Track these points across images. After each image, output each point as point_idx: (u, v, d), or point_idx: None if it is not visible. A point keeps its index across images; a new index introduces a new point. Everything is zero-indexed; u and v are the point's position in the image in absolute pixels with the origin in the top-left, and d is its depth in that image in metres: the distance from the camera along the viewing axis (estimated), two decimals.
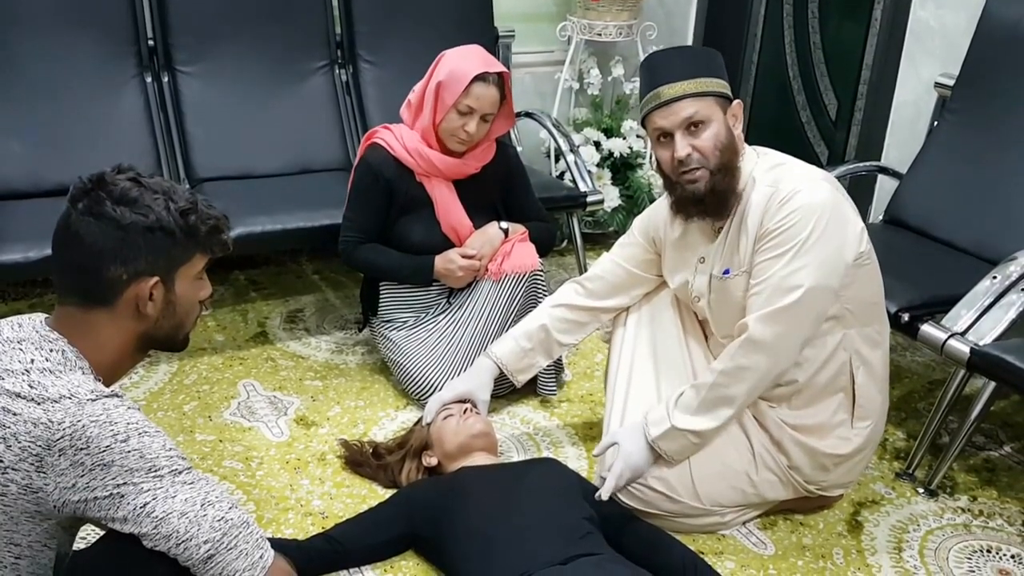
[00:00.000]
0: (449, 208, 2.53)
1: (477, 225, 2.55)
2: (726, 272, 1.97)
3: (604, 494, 1.88)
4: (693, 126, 1.90)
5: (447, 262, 2.49)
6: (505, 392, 2.49)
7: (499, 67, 2.44)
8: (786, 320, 1.84)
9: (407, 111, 2.54)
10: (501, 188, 2.63)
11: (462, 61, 2.42)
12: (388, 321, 2.60)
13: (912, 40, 3.08)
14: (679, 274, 2.11)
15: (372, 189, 2.51)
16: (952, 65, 2.83)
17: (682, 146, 1.90)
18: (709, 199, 1.92)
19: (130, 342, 1.45)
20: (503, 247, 2.53)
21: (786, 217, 1.85)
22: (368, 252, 2.55)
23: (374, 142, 2.54)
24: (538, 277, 2.52)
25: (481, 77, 2.38)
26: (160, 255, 1.41)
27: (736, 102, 1.95)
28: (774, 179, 1.91)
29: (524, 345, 2.27)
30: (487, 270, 2.52)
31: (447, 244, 2.54)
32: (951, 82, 2.81)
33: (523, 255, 2.52)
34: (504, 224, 2.56)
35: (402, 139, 2.50)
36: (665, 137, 1.93)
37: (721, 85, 1.94)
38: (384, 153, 2.50)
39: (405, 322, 2.59)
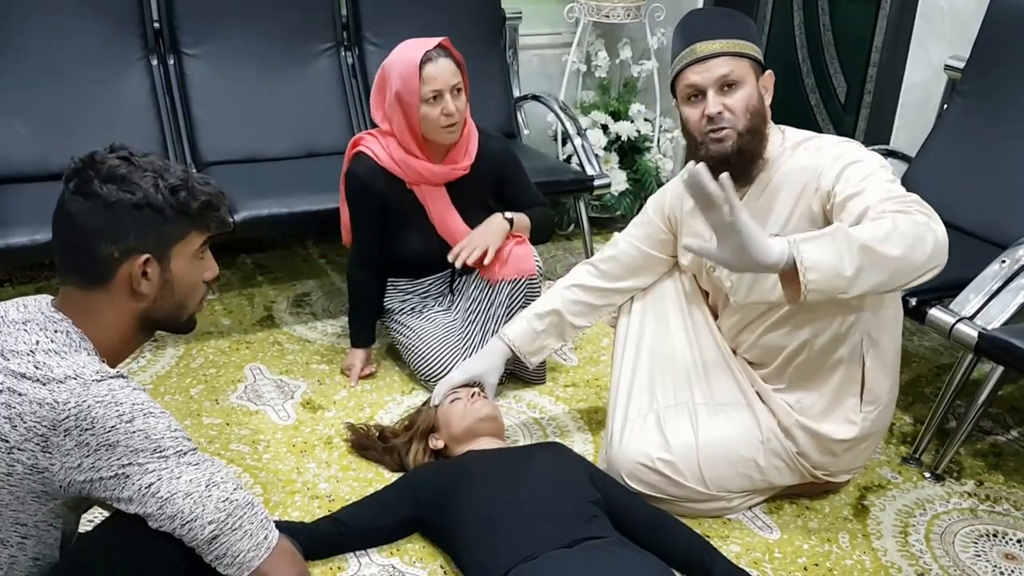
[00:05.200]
0: (443, 214, 2.51)
1: (472, 226, 2.52)
2: None
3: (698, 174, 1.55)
4: (726, 86, 1.87)
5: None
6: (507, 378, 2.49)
7: (435, 41, 2.38)
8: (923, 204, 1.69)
9: (384, 124, 2.46)
10: (493, 184, 2.59)
11: (401, 58, 2.37)
12: (397, 309, 2.60)
13: (922, 22, 3.06)
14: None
15: (365, 201, 2.47)
16: (962, 47, 2.81)
17: (714, 103, 1.87)
18: (735, 160, 1.88)
19: (131, 322, 1.45)
20: (501, 249, 2.48)
21: (849, 166, 1.79)
22: (354, 287, 2.58)
23: (360, 151, 2.47)
24: (533, 282, 2.50)
25: (425, 59, 2.34)
26: (150, 232, 1.41)
27: (768, 73, 1.93)
28: (808, 144, 1.90)
29: (536, 327, 2.26)
30: (490, 266, 2.48)
31: (445, 249, 2.51)
32: (961, 65, 2.79)
33: (520, 259, 2.48)
34: (508, 215, 2.52)
35: (388, 148, 2.44)
36: (696, 95, 1.90)
37: (756, 51, 1.92)
38: (371, 163, 2.44)
39: (412, 308, 2.59)
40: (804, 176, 1.87)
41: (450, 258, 2.48)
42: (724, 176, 1.56)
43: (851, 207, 1.72)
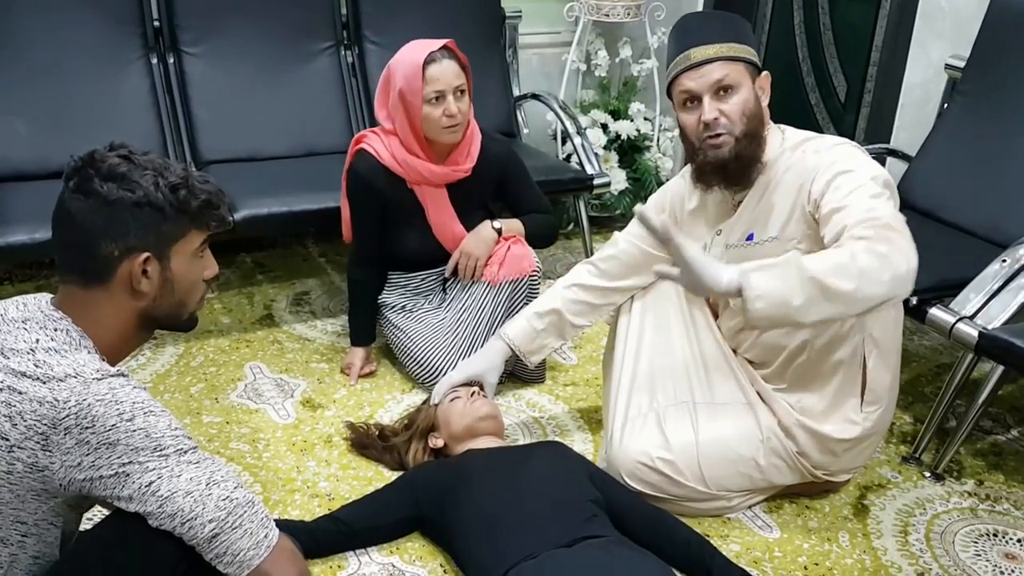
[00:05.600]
0: (442, 216, 2.51)
1: (469, 228, 2.52)
2: (749, 238, 1.94)
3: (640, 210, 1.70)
4: (722, 90, 1.87)
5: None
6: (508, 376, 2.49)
7: (441, 42, 2.38)
8: (898, 222, 1.71)
9: (387, 123, 2.47)
10: (494, 186, 2.59)
11: (406, 58, 2.38)
12: (389, 305, 2.60)
13: (922, 21, 3.06)
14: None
15: (366, 199, 2.48)
16: (962, 47, 2.81)
17: (710, 109, 1.87)
18: (732, 166, 1.89)
19: (130, 321, 1.45)
20: (498, 251, 2.50)
21: (839, 175, 1.79)
22: (353, 286, 2.59)
23: (362, 148, 2.48)
24: (534, 279, 2.50)
25: (429, 59, 2.34)
26: (150, 231, 1.41)
27: (764, 74, 1.93)
28: (807, 145, 1.89)
29: (536, 326, 2.25)
30: (489, 269, 2.50)
31: (441, 251, 2.53)
32: (961, 64, 2.79)
33: (519, 259, 2.49)
34: (497, 224, 2.53)
35: (390, 147, 2.44)
36: (692, 101, 1.90)
37: (752, 53, 1.92)
38: (372, 161, 2.45)
39: (403, 307, 2.59)
40: (801, 177, 1.87)
41: (448, 273, 2.53)
42: (663, 218, 1.70)
43: (835, 221, 1.75)
